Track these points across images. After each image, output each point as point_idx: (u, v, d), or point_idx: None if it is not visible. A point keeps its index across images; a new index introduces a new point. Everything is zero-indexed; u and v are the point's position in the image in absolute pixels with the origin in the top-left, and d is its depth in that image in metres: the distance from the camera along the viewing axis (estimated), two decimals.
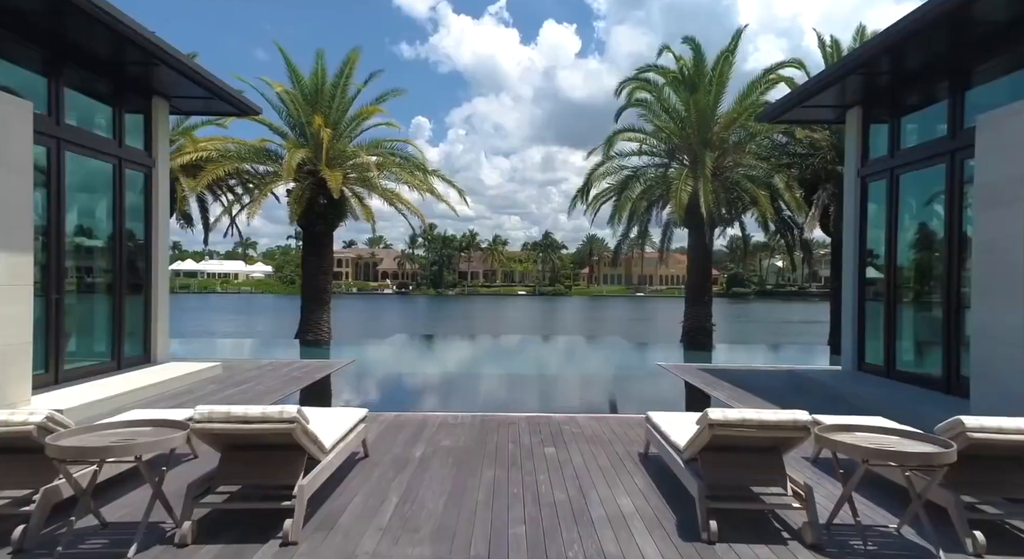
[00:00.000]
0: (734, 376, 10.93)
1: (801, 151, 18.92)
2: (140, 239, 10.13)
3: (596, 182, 19.26)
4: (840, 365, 11.08)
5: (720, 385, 10.03)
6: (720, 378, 10.80)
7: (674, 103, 18.41)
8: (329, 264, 19.06)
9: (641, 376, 12.47)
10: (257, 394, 8.67)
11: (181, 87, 10.08)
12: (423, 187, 18.79)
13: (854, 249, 10.40)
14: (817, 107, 10.84)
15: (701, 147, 17.26)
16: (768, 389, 9.62)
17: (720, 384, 10.13)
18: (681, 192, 16.19)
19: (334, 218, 18.26)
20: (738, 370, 11.83)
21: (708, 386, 9.98)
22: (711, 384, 10.16)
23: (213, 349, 16.91)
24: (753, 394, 9.23)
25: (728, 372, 11.45)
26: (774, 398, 8.86)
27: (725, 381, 10.44)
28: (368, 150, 18.13)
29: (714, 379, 10.66)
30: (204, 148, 16.77)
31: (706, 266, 18.95)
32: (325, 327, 18.51)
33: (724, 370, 11.70)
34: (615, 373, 13.46)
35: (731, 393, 9.30)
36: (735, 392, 9.39)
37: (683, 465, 4.54)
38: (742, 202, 18.02)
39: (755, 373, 11.45)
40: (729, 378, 10.69)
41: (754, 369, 12.13)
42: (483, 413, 7.66)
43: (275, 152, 18.26)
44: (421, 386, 11.24)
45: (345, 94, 18.31)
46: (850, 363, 10.40)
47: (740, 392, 9.38)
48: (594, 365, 14.72)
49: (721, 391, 9.52)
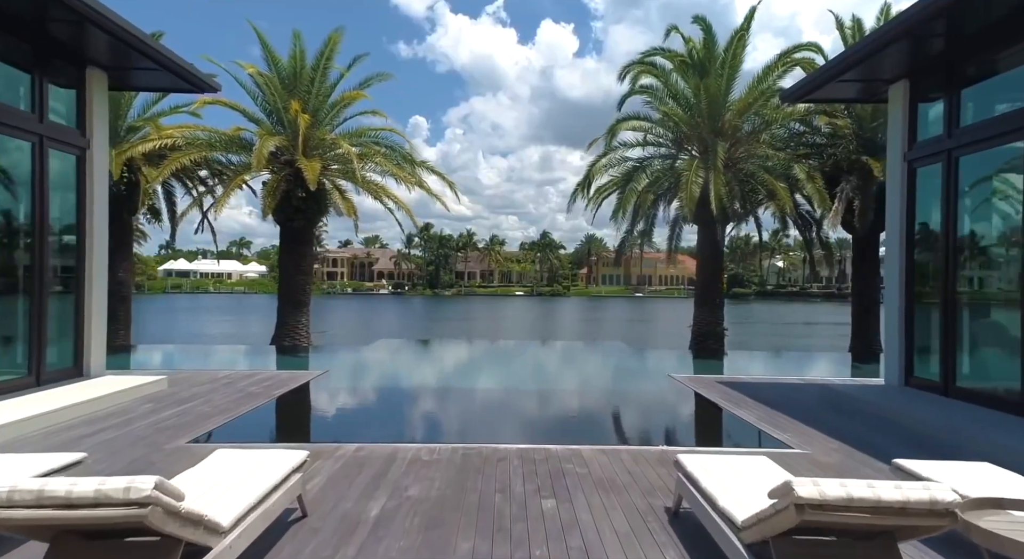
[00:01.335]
0: (758, 390, 9.53)
1: (820, 141, 17.54)
2: (69, 231, 8.68)
3: (598, 175, 17.83)
4: (882, 378, 9.68)
5: (744, 402, 8.63)
6: (742, 392, 9.41)
7: (682, 89, 17.00)
8: (308, 263, 17.62)
9: (651, 390, 11.04)
10: (196, 417, 7.24)
11: (121, 56, 8.66)
12: (411, 180, 17.35)
13: (900, 245, 8.99)
14: (854, 82, 9.46)
15: (712, 136, 15.85)
16: (802, 408, 8.22)
17: (743, 401, 8.74)
18: (691, 184, 14.78)
19: (313, 213, 16.82)
20: (761, 383, 10.44)
21: (731, 403, 8.58)
22: (734, 401, 8.76)
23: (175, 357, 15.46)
24: (785, 413, 7.84)
25: (750, 385, 10.06)
26: (812, 419, 7.47)
27: (748, 396, 9.04)
28: (351, 139, 16.67)
29: (736, 394, 9.26)
30: (170, 135, 15.32)
31: (717, 265, 17.55)
32: (303, 331, 17.07)
33: (745, 383, 10.30)
34: (621, 387, 11.96)
35: (759, 413, 7.91)
36: (763, 411, 8.00)
37: (743, 549, 3.12)
38: (757, 195, 16.61)
39: (781, 386, 10.05)
40: (753, 393, 9.29)
41: (779, 381, 10.73)
42: (466, 445, 6.24)
43: (250, 141, 16.79)
44: (397, 404, 9.75)
45: (326, 78, 16.88)
46: (895, 377, 9.00)
47: (769, 411, 7.99)
48: (597, 377, 13.23)
49: (746, 409, 8.13)
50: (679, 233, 18.22)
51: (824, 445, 6.32)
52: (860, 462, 5.73)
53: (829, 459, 5.82)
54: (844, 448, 6.20)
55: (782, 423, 7.34)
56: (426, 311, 65.46)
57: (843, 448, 6.20)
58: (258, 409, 7.89)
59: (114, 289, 16.75)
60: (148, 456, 5.63)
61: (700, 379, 10.74)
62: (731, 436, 7.56)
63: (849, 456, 5.94)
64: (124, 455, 5.65)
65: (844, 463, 5.70)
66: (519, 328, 43.45)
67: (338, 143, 15.64)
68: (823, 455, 5.95)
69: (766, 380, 10.84)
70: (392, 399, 10.21)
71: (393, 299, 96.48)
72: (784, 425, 7.23)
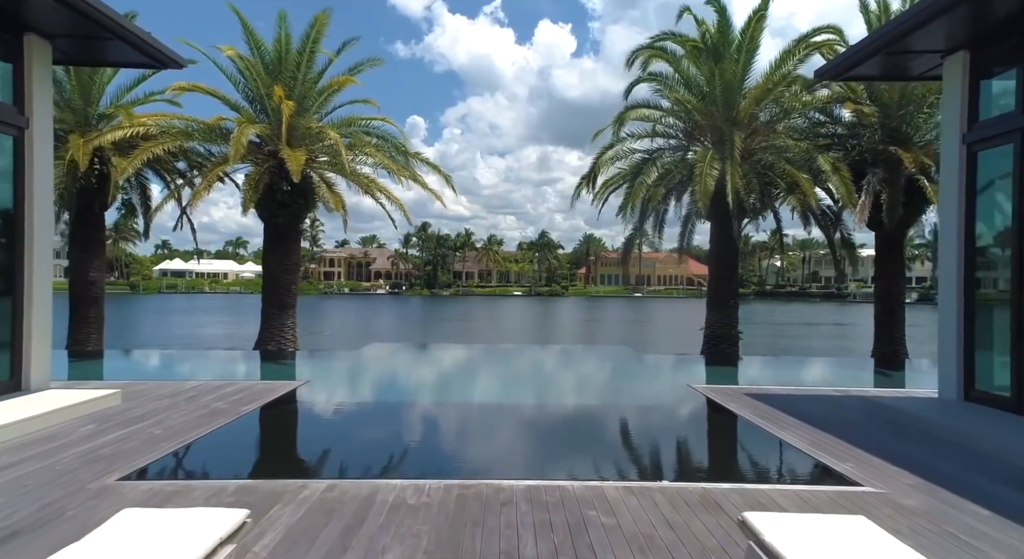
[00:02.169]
0: (792, 404, 8.41)
1: (840, 132, 16.42)
2: (4, 223, 7.53)
3: (604, 167, 16.69)
4: (934, 389, 8.56)
5: (781, 419, 7.51)
6: (774, 406, 8.29)
7: (694, 76, 15.86)
8: (295, 262, 16.45)
9: (670, 404, 9.87)
10: (141, 443, 6.08)
11: (66, 21, 7.51)
12: (405, 174, 16.19)
13: (958, 240, 7.87)
14: (901, 54, 8.35)
15: (728, 125, 14.71)
16: (852, 428, 7.10)
17: (780, 417, 7.61)
18: (706, 176, 13.64)
19: (299, 208, 15.64)
20: (793, 395, 9.31)
21: (766, 420, 7.46)
22: (768, 417, 7.64)
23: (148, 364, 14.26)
24: (834, 434, 6.73)
25: (781, 398, 8.93)
26: (869, 442, 6.36)
27: (783, 411, 7.92)
28: (339, 129, 15.51)
29: (768, 408, 8.14)
30: (143, 123, 14.15)
31: (731, 264, 16.42)
32: (289, 335, 15.91)
33: (776, 395, 9.17)
34: (636, 400, 10.63)
35: (803, 434, 6.78)
36: (807, 432, 6.87)
37: None
38: (775, 189, 15.48)
39: (818, 400, 8.93)
40: (787, 407, 8.17)
41: (813, 393, 9.60)
42: (462, 481, 5.11)
43: (232, 131, 15.58)
44: (382, 423, 8.38)
45: (313, 63, 15.71)
46: (953, 389, 7.87)
47: (814, 432, 6.87)
48: (608, 388, 11.97)
49: (788, 430, 7.00)
50: (691, 229, 17.11)
51: (898, 481, 5.19)
52: (952, 506, 4.60)
53: (912, 502, 4.69)
54: (925, 485, 5.07)
55: (835, 448, 6.21)
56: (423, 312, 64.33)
57: (924, 485, 5.07)
58: (218, 431, 6.74)
59: (85, 290, 15.66)
60: (62, 502, 4.48)
61: (724, 390, 9.61)
62: (775, 464, 6.43)
63: (935, 496, 4.81)
64: (31, 500, 4.51)
65: (934, 508, 4.56)
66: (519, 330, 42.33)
67: (325, 132, 14.45)
68: (903, 496, 4.82)
69: (798, 391, 9.70)
70: (377, 416, 8.91)
71: (390, 299, 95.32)
72: (839, 451, 6.11)
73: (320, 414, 8.79)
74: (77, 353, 15.25)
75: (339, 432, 7.77)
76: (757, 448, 6.98)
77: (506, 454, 6.73)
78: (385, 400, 10.40)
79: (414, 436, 7.65)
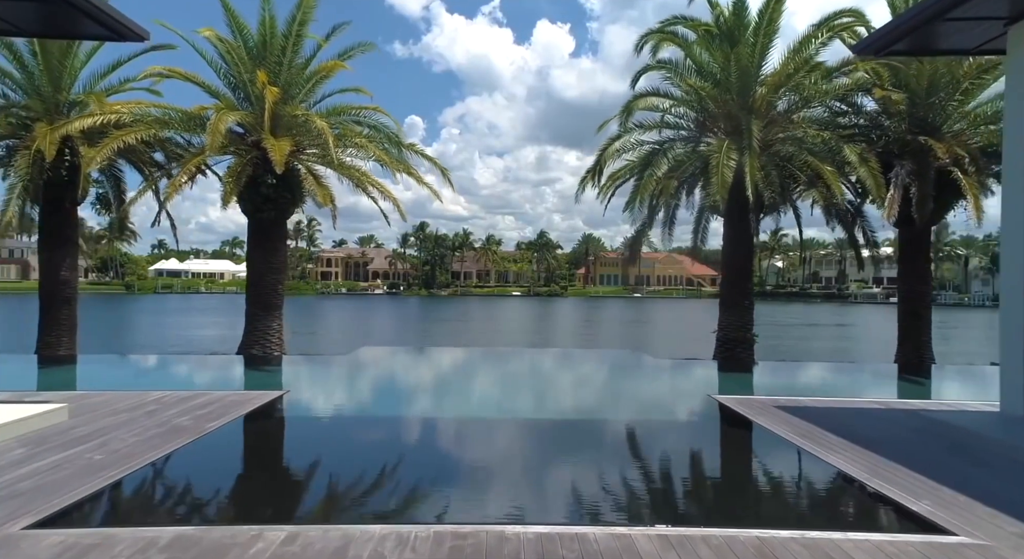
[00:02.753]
0: (832, 419, 7.44)
1: (862, 122, 15.43)
2: None
3: (610, 160, 15.69)
4: (993, 403, 7.57)
5: (824, 439, 6.52)
6: (812, 421, 7.31)
7: (707, 62, 14.86)
8: (281, 260, 15.41)
9: (694, 418, 8.83)
10: (75, 473, 5.07)
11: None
12: (398, 167, 15.19)
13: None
14: (958, 21, 7.35)
15: (746, 113, 13.71)
16: (911, 451, 6.11)
17: (822, 436, 6.63)
18: (723, 167, 12.65)
19: (286, 203, 14.61)
20: (829, 407, 8.33)
21: (808, 440, 6.48)
22: (809, 435, 6.66)
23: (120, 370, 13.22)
24: (894, 460, 5.73)
25: (818, 411, 7.95)
26: (940, 471, 5.37)
27: (824, 428, 6.94)
28: (328, 118, 14.48)
29: (805, 425, 7.16)
30: (115, 111, 13.13)
31: (746, 262, 15.42)
32: (275, 339, 14.87)
33: (810, 408, 8.18)
34: (654, 415, 9.40)
35: (858, 458, 5.79)
36: (861, 455, 5.89)
37: None
38: (795, 182, 14.48)
39: (862, 414, 7.95)
40: (827, 422, 7.19)
41: (853, 405, 8.61)
42: (456, 527, 4.11)
43: None
44: (363, 449, 7.12)
45: (299, 48, 14.68)
46: (1020, 404, 6.88)
47: (869, 455, 5.88)
48: (620, 399, 10.83)
49: (834, 450, 6.03)
50: (706, 225, 16.08)
51: (999, 527, 4.19)
52: None
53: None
54: None
55: (902, 478, 5.22)
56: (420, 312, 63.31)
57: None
58: (172, 455, 5.74)
59: (55, 290, 14.65)
60: None
61: (751, 402, 8.62)
62: (836, 501, 5.42)
63: None
64: None
65: None
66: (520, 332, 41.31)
67: (311, 120, 13.41)
68: (1014, 551, 3.82)
69: (834, 403, 8.71)
70: (360, 436, 7.74)
71: (387, 299, 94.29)
72: (908, 483, 5.11)
73: (294, 433, 7.77)
74: (48, 358, 14.23)
75: (313, 457, 6.71)
76: (809, 478, 5.96)
77: (511, 488, 5.68)
78: (371, 415, 9.26)
79: (401, 463, 6.54)
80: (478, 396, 10.96)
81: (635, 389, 11.83)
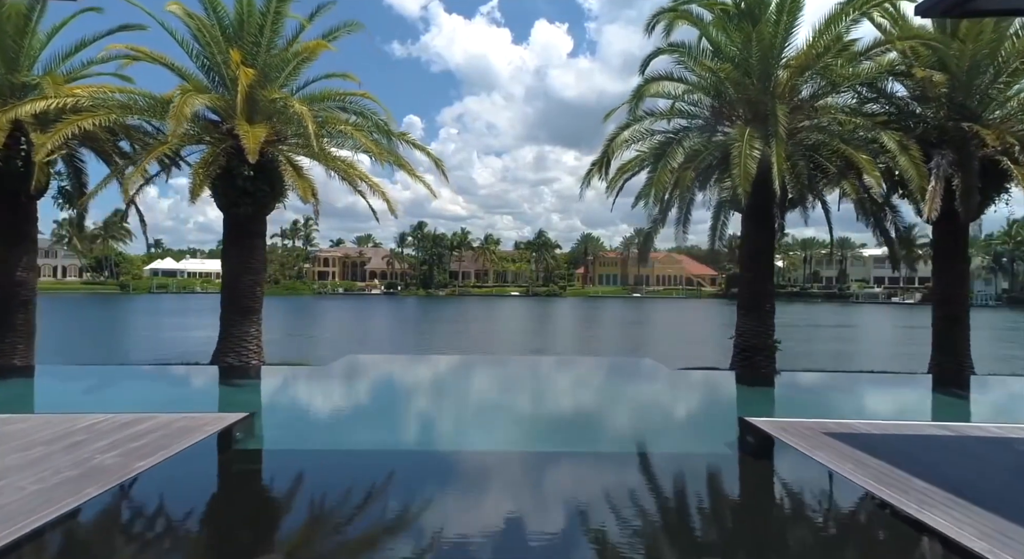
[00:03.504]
0: (897, 449, 6.20)
1: (892, 111, 14.16)
2: None
3: (618, 150, 14.42)
4: None
5: (902, 481, 5.25)
6: (873, 453, 6.05)
7: (724, 43, 13.58)
8: (260, 260, 14.09)
9: (729, 451, 7.48)
10: None
11: None
12: (387, 157, 13.89)
13: None
14: None
15: (770, 98, 12.44)
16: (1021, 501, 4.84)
17: (898, 477, 5.36)
18: (746, 158, 11.40)
19: (264, 196, 13.32)
20: (889, 434, 7.06)
21: (883, 483, 5.21)
22: (882, 476, 5.39)
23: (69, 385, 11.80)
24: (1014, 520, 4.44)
25: (875, 439, 6.70)
26: None
27: (894, 464, 5.67)
28: (310, 103, 13.20)
29: (872, 459, 5.89)
30: (74, 94, 11.83)
31: (767, 262, 14.12)
32: (253, 346, 13.58)
33: (864, 435, 6.92)
34: (683, 443, 8.07)
35: (965, 516, 4.51)
36: (967, 512, 4.61)
37: None
38: (823, 174, 13.19)
39: (929, 442, 6.70)
40: (894, 455, 5.95)
41: (916, 431, 7.34)
42: None
43: None
44: (331, 501, 5.54)
45: (279, 27, 13.36)
46: None
47: (978, 513, 4.59)
48: (640, 423, 9.34)
49: (928, 503, 4.75)
50: (725, 221, 14.79)
51: None
52: None
53: None
54: None
55: None
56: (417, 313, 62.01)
57: None
58: (71, 515, 4.45)
59: (11, 292, 13.33)
60: None
61: (795, 428, 7.33)
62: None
63: None
64: None
65: None
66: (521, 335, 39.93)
67: (288, 103, 12.11)
68: None
69: (894, 429, 7.42)
70: (332, 477, 6.21)
71: (385, 299, 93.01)
72: None
73: (244, 477, 6.41)
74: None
75: (268, 511, 5.40)
76: (907, 551, 4.64)
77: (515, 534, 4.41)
78: (347, 448, 7.52)
79: (383, 519, 5.20)
80: (476, 419, 9.44)
81: (655, 413, 10.30)
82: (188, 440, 6.33)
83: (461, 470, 6.58)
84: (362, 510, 5.33)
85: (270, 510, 5.40)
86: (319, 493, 5.83)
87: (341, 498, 5.63)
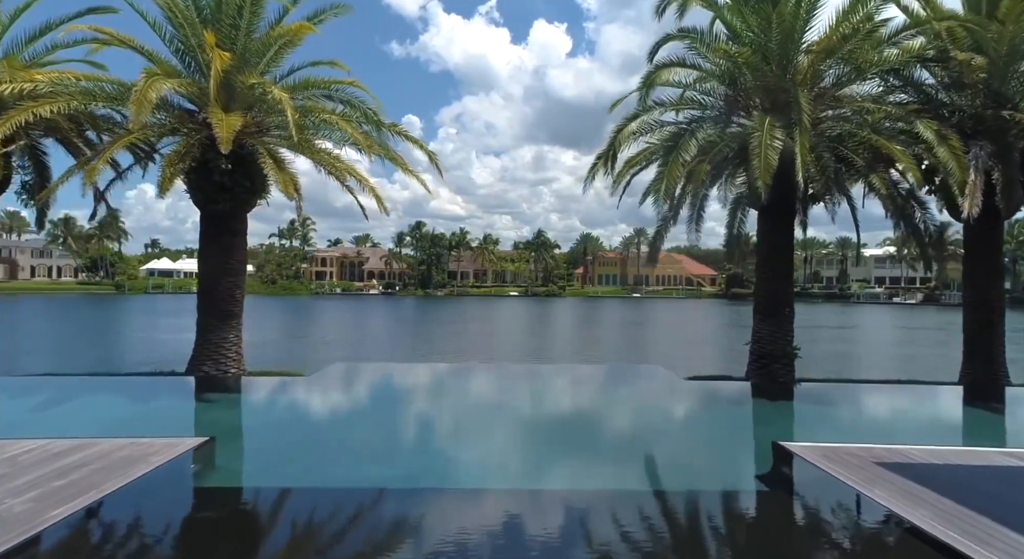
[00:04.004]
0: (967, 486, 5.23)
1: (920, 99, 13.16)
2: None
3: (625, 142, 13.44)
4: None
5: (993, 536, 4.26)
6: (938, 489, 5.07)
7: (741, 27, 12.60)
8: (240, 261, 13.07)
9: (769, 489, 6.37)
10: None
11: None
12: (376, 150, 12.88)
13: None
14: None
15: (793, 85, 11.46)
16: None
17: (982, 525, 4.38)
18: (767, 148, 10.43)
19: (244, 192, 12.32)
20: (952, 466, 6.08)
21: (973, 538, 4.20)
22: (965, 525, 4.40)
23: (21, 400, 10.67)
24: None
25: (936, 471, 5.72)
26: None
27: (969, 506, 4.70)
28: (293, 91, 12.20)
29: (946, 501, 4.90)
30: (32, 79, 10.83)
31: (786, 262, 13.18)
32: (232, 353, 12.56)
33: (921, 465, 5.94)
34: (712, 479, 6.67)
35: None
36: None
37: None
38: (850, 167, 12.20)
39: (1001, 475, 5.74)
40: (966, 492, 4.99)
41: (978, 460, 6.35)
42: None
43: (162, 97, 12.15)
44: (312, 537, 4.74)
45: (259, 8, 12.35)
46: None
47: None
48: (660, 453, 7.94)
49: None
50: (743, 219, 13.80)
51: None
52: None
53: None
54: None
55: None
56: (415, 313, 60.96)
57: None
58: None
59: None
60: None
61: (836, 454, 6.34)
62: None
63: None
64: None
65: None
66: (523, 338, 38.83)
67: (267, 89, 11.11)
68: None
69: (953, 457, 6.43)
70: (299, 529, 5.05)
71: (383, 299, 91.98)
72: None
73: (193, 524, 5.28)
74: None
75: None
76: None
77: None
78: (323, 484, 6.17)
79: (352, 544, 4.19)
80: (473, 445, 8.10)
81: (668, 438, 8.96)
82: (126, 476, 5.33)
83: (455, 510, 5.58)
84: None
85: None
86: (286, 541, 4.83)
87: (317, 548, 4.63)
